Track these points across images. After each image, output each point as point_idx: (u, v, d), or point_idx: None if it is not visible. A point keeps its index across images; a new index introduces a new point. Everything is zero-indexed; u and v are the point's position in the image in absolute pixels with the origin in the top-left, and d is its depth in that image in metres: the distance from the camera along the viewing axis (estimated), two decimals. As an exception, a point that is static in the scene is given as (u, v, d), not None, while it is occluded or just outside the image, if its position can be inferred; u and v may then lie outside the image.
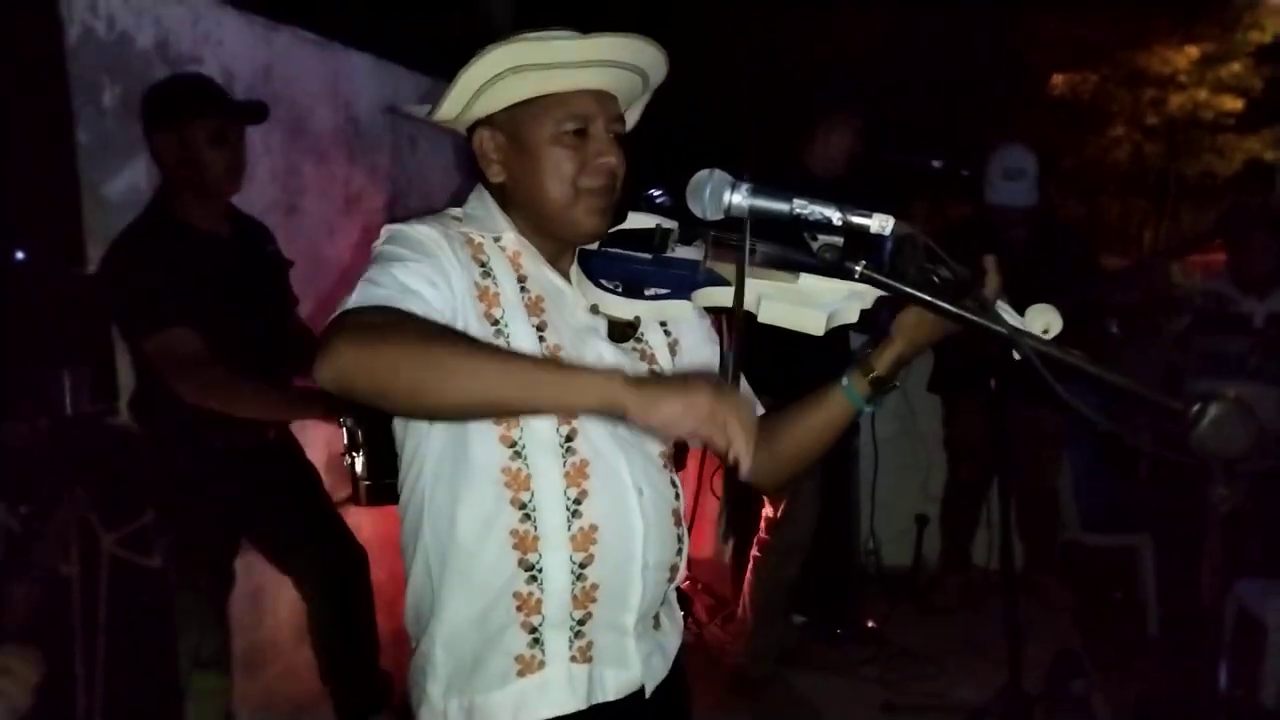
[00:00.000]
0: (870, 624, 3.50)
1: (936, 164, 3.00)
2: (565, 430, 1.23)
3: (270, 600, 2.87)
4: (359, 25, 3.49)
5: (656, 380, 1.08)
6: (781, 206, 1.12)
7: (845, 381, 1.33)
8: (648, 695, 1.31)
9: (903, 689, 3.14)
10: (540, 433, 1.22)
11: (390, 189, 3.53)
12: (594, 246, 1.32)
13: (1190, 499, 1.06)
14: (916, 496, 3.98)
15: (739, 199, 1.14)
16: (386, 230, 1.24)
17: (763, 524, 3.08)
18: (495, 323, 1.21)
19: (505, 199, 1.29)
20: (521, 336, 1.22)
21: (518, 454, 1.21)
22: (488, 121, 1.25)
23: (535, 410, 1.12)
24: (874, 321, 1.33)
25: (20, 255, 1.75)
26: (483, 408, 1.08)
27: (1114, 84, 11.78)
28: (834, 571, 3.47)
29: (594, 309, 1.29)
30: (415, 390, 1.02)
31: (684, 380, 1.04)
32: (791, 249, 1.22)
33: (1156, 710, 2.85)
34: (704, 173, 1.15)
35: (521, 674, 1.23)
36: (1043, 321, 1.16)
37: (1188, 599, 3.13)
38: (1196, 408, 1.01)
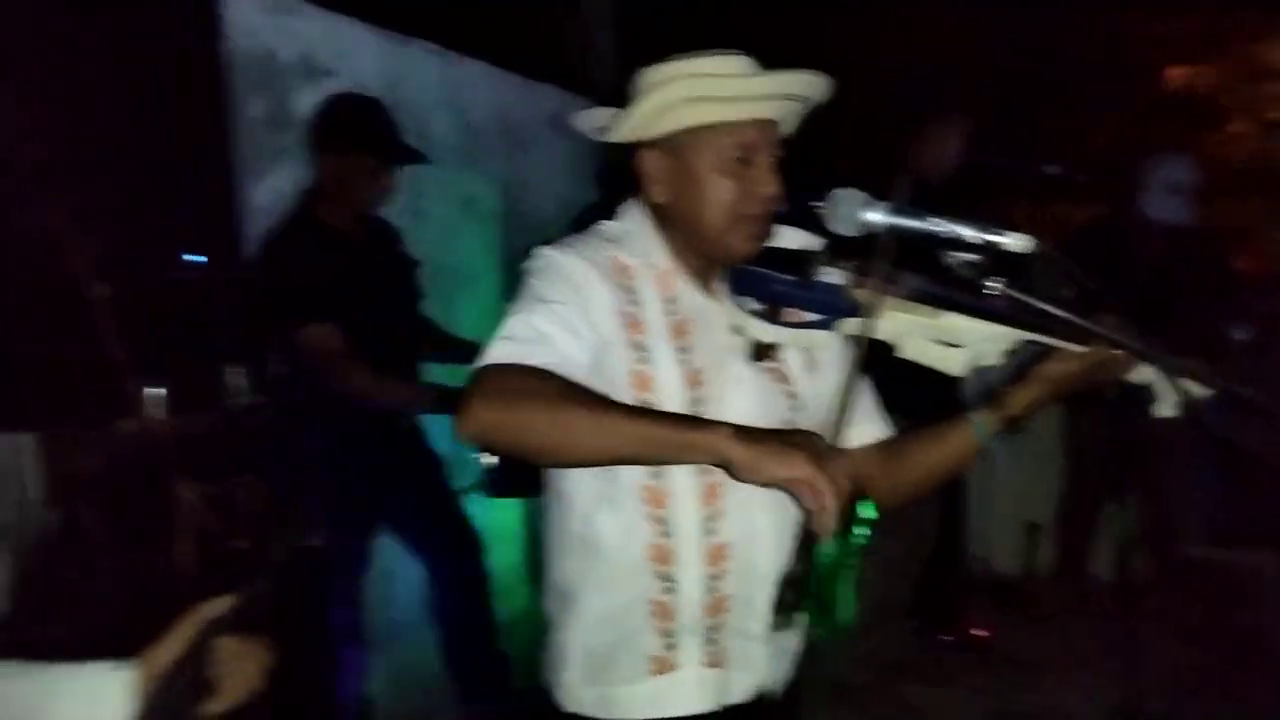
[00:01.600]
0: (978, 632, 3.48)
1: (1052, 170, 2.97)
2: None
3: (399, 582, 3.02)
4: (474, 35, 3.63)
5: (766, 436, 1.11)
6: (918, 225, 1.15)
7: (976, 418, 1.33)
8: (770, 696, 1.38)
9: (1010, 699, 3.10)
10: None
11: (505, 193, 3.67)
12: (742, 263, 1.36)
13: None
14: (1029, 503, 3.92)
15: (876, 217, 1.17)
16: (539, 256, 1.30)
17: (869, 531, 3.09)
18: (639, 349, 1.28)
19: (662, 217, 1.34)
20: (662, 361, 1.28)
21: (657, 474, 1.28)
22: (654, 144, 1.30)
23: (653, 463, 1.23)
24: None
25: (188, 258, 1.91)
26: (608, 461, 1.18)
27: (1234, 78, 11.28)
28: (942, 578, 3.47)
29: (736, 329, 1.34)
30: (546, 450, 1.15)
31: (791, 440, 1.09)
32: (938, 283, 1.25)
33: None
34: (842, 191, 1.20)
35: (656, 673, 1.31)
36: None
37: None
38: None
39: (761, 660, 1.35)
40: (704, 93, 1.26)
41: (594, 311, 1.25)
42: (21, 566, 1.65)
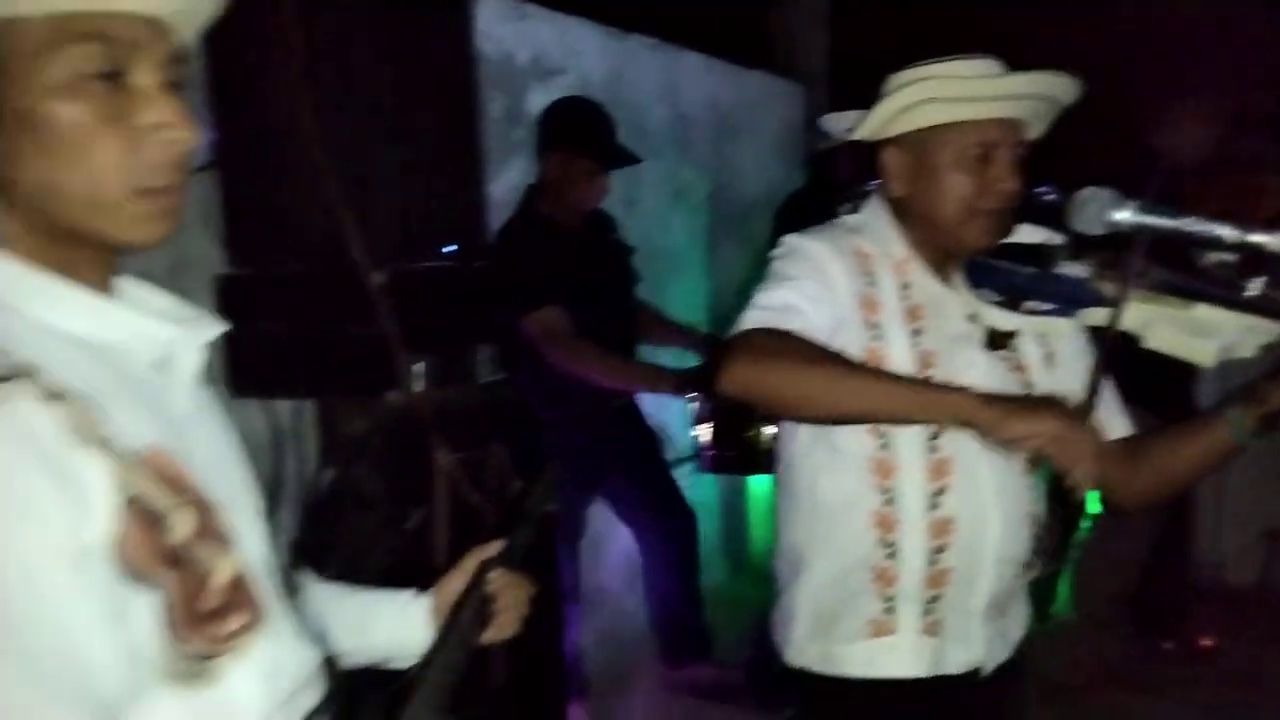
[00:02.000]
0: (1205, 643, 3.28)
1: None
2: (932, 429, 1.34)
3: (605, 548, 3.22)
4: (689, 26, 3.74)
5: (1010, 400, 1.18)
6: (1171, 224, 1.14)
7: (1232, 414, 1.27)
8: (985, 675, 1.42)
9: (1228, 716, 2.94)
10: (907, 429, 1.34)
11: (713, 181, 3.77)
12: (982, 256, 1.41)
13: None
14: (1267, 508, 3.64)
15: (1126, 216, 1.17)
16: (786, 243, 1.41)
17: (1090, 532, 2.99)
18: (874, 328, 1.36)
19: (900, 210, 1.41)
20: (896, 341, 1.36)
21: (884, 446, 1.36)
22: (896, 140, 1.37)
23: (898, 421, 1.30)
24: None
25: (446, 249, 2.13)
26: (856, 418, 1.30)
27: None
28: (1165, 582, 3.30)
29: (972, 317, 1.40)
30: (800, 404, 1.28)
31: (1036, 403, 1.15)
32: (1188, 276, 1.23)
33: None
34: (1089, 190, 1.20)
35: (874, 635, 1.39)
36: None
37: None
38: None
39: (979, 638, 1.41)
40: (947, 93, 1.31)
41: (835, 289, 1.34)
42: (302, 518, 1.92)
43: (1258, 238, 1.11)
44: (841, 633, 1.41)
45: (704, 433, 2.28)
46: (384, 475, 1.91)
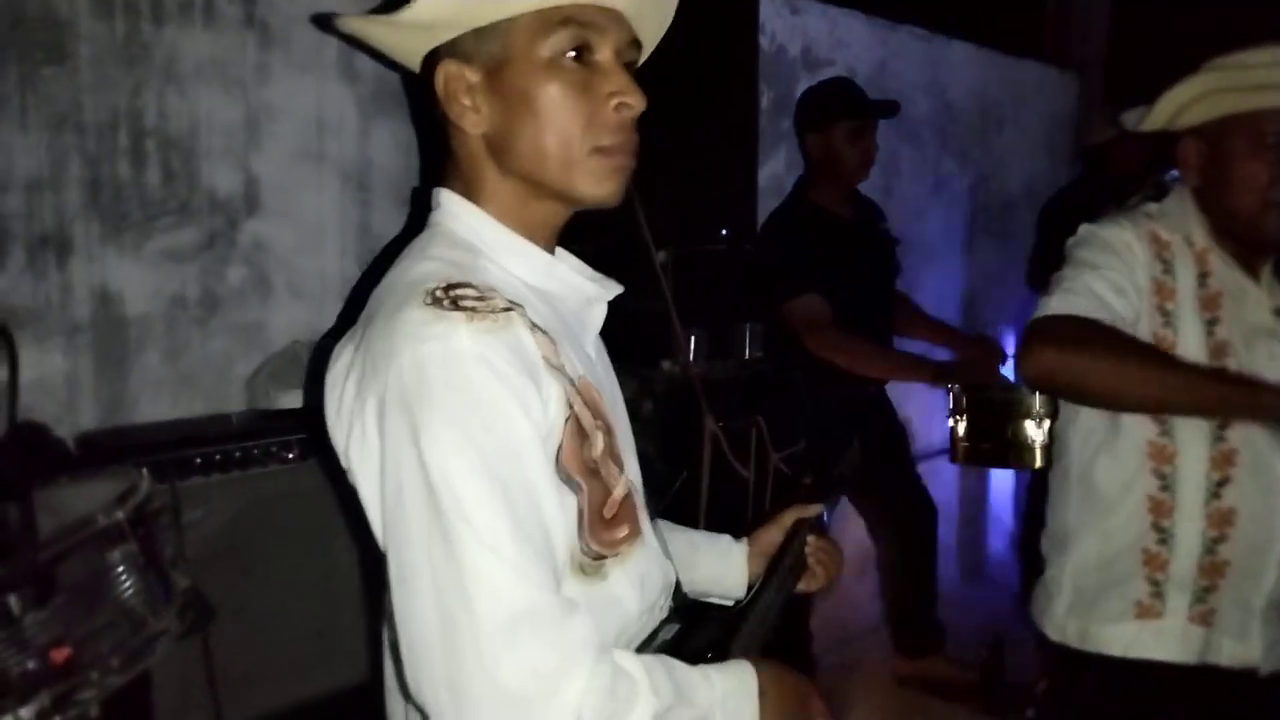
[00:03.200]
0: None
1: None
2: (1218, 419, 1.35)
3: (841, 535, 3.28)
4: (958, 15, 3.68)
5: None
6: None
7: None
8: (1261, 676, 1.39)
9: None
10: (1191, 418, 1.35)
11: (975, 173, 3.70)
12: None
13: None
14: None
15: None
16: (1083, 230, 1.45)
17: None
18: (1165, 314, 1.37)
19: (1201, 201, 1.42)
20: (1188, 329, 1.37)
21: (1165, 432, 1.37)
22: (1193, 131, 1.40)
23: (1198, 414, 1.33)
24: None
25: (724, 232, 2.27)
26: (1156, 409, 1.34)
27: None
28: None
29: (1278, 312, 1.39)
30: (1103, 394, 1.31)
31: None
32: None
33: None
34: None
35: (1138, 617, 1.40)
36: None
37: None
38: None
39: (1258, 637, 1.39)
40: (1241, 82, 1.33)
41: (1135, 276, 1.36)
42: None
43: None
44: (1104, 612, 1.43)
45: (959, 425, 2.28)
46: (655, 438, 2.08)
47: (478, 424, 0.76)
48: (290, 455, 1.58)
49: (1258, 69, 1.32)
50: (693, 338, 2.10)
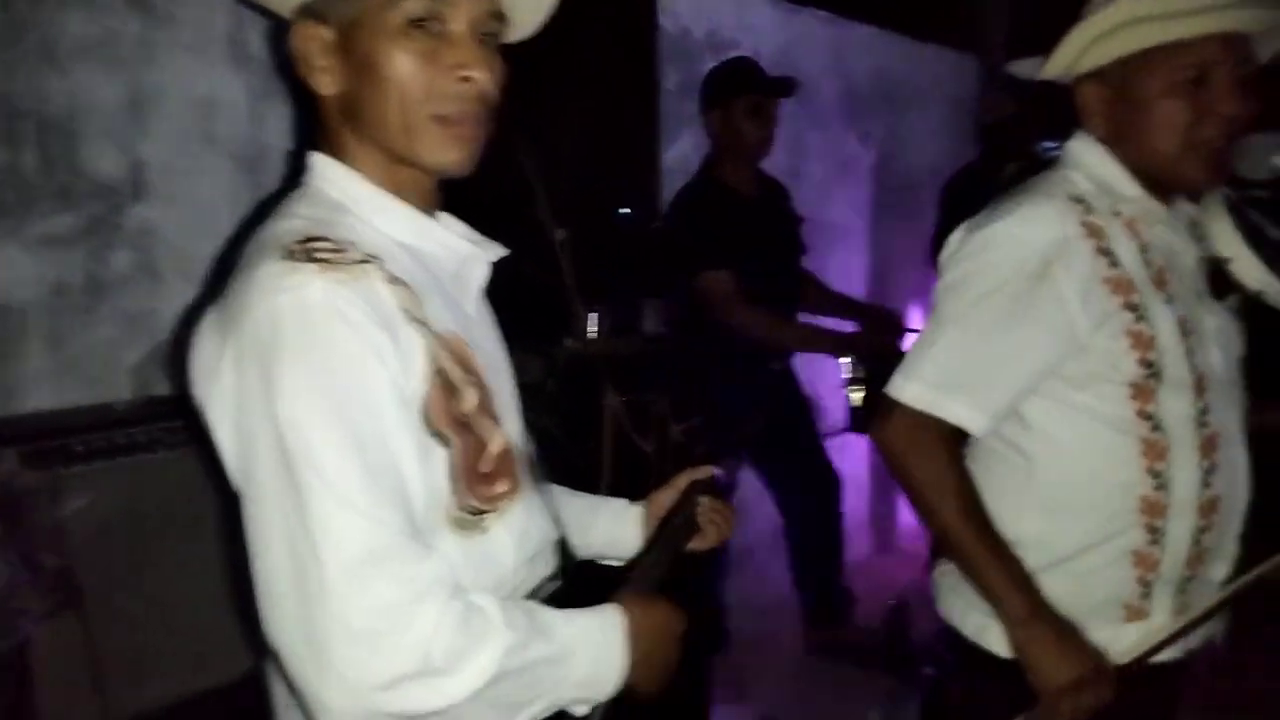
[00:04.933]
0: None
1: None
2: (1200, 405, 1.25)
3: (752, 510, 3.34)
4: (862, 0, 3.74)
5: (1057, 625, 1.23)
6: None
7: None
8: (1213, 646, 1.37)
9: None
10: (1176, 409, 1.24)
11: (879, 153, 3.79)
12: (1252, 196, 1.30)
13: None
14: None
15: None
16: (976, 245, 1.24)
17: None
18: (1133, 309, 1.22)
19: (1112, 151, 1.26)
20: (1159, 316, 1.23)
21: (1156, 427, 1.23)
22: (1094, 75, 1.24)
23: (979, 586, 1.27)
24: None
25: (623, 211, 2.30)
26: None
27: None
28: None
29: (1223, 261, 1.26)
30: (921, 516, 1.29)
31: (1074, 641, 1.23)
32: None
33: None
34: (1259, 137, 1.20)
35: (1128, 620, 1.29)
36: None
37: None
38: None
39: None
40: (1147, 10, 1.17)
41: (1065, 305, 1.20)
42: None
43: None
44: (1087, 618, 1.27)
45: (856, 395, 2.35)
46: (558, 413, 2.10)
47: (327, 373, 0.78)
48: (177, 441, 1.56)
49: None
50: (595, 315, 2.13)
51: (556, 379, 2.06)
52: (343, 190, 0.91)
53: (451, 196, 0.99)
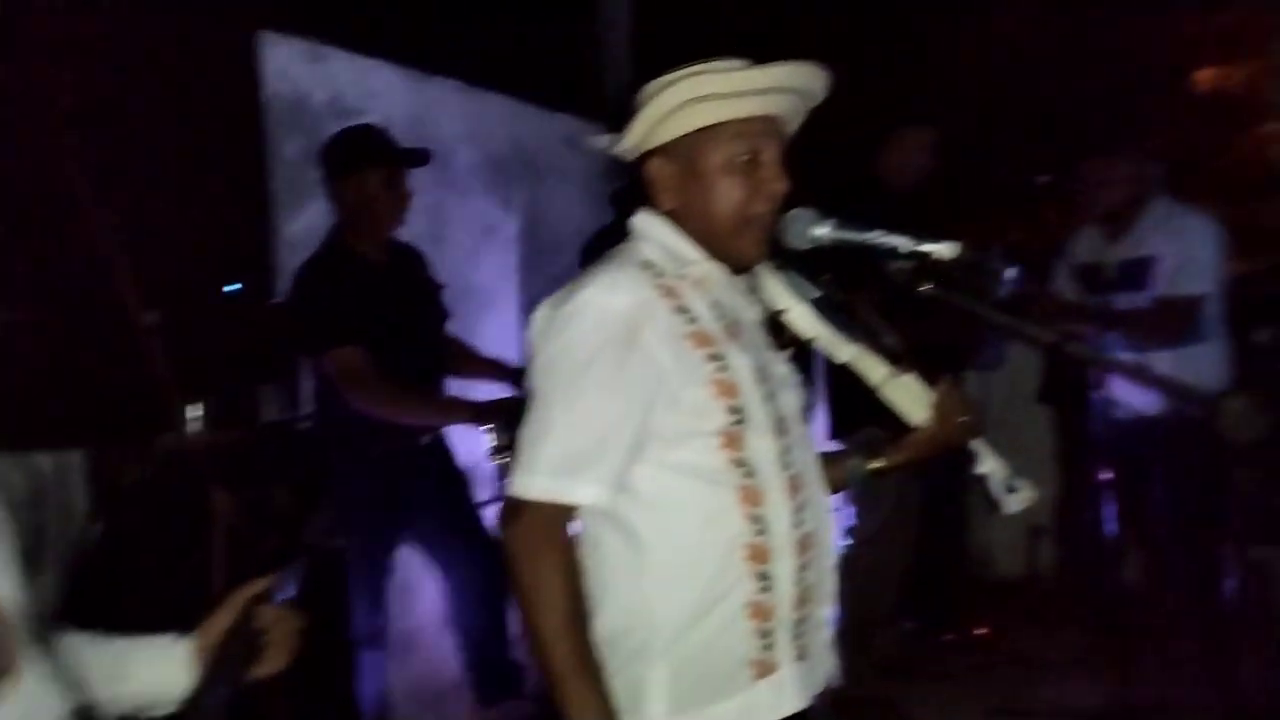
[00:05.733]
0: (980, 632, 3.56)
1: (1042, 180, 3.06)
2: (782, 445, 1.31)
3: (418, 591, 3.18)
4: (494, 69, 3.81)
5: None
6: (858, 237, 1.30)
7: (854, 462, 1.46)
8: (830, 687, 1.41)
9: (1010, 697, 3.17)
10: (765, 450, 1.29)
11: (522, 219, 3.85)
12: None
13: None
14: (1031, 506, 3.97)
15: (824, 232, 1.32)
16: (563, 319, 1.25)
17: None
18: (716, 359, 1.27)
19: (679, 223, 1.32)
20: (739, 364, 1.28)
21: (750, 472, 1.27)
22: (660, 150, 1.31)
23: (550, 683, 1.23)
24: None
25: (231, 288, 2.11)
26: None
27: (1265, 76, 11.19)
28: (944, 579, 3.55)
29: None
30: (524, 618, 1.24)
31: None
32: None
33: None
34: (798, 211, 1.33)
35: (759, 677, 1.28)
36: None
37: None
38: (1220, 397, 1.14)
39: (827, 647, 1.39)
40: (706, 91, 1.26)
41: (654, 360, 1.24)
42: (70, 574, 1.83)
43: (925, 247, 1.27)
44: (720, 689, 1.26)
45: (502, 462, 2.31)
46: (157, 522, 1.85)
47: None
48: None
49: (720, 75, 1.26)
50: (199, 406, 1.91)
51: (154, 483, 1.82)
52: None
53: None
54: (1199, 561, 3.12)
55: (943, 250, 1.26)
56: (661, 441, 1.27)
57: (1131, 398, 2.47)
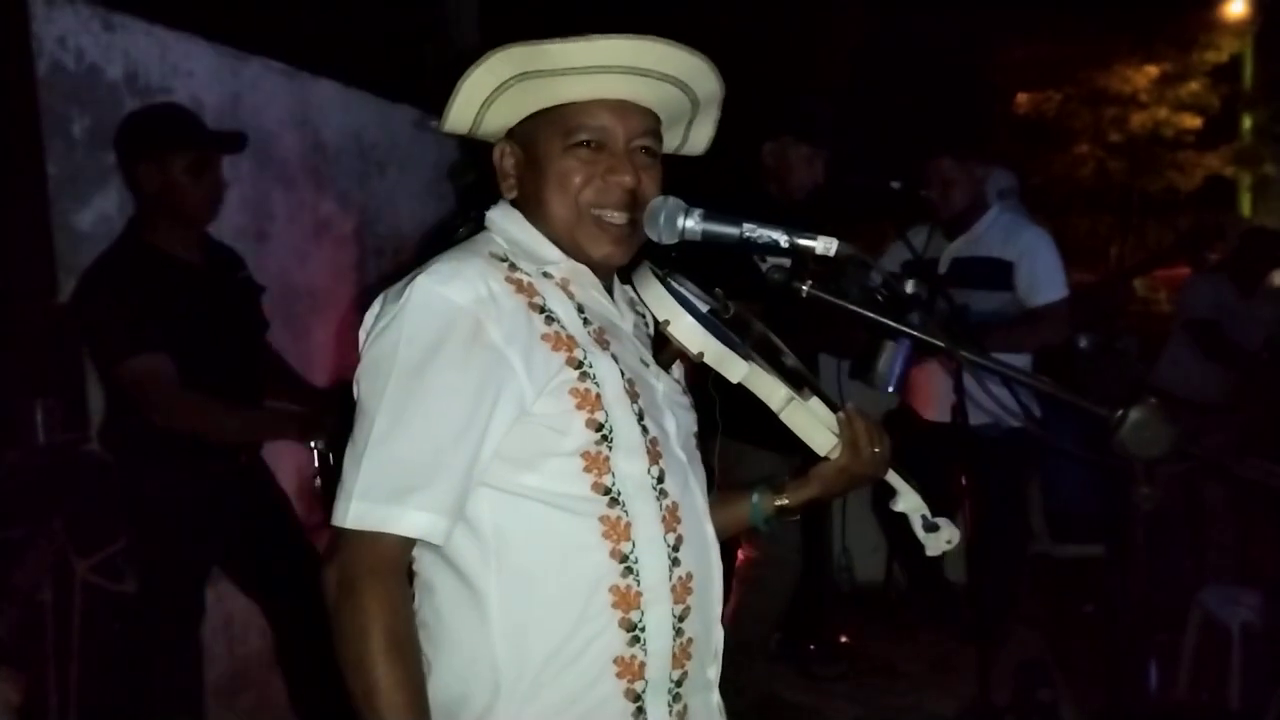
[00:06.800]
0: (843, 640, 3.54)
1: (895, 185, 3.06)
2: (656, 470, 1.14)
3: (241, 629, 2.87)
4: (326, 54, 3.53)
5: None
6: (731, 230, 1.16)
7: (755, 499, 1.33)
8: None
9: (874, 703, 3.18)
10: (634, 476, 1.12)
11: (359, 215, 3.57)
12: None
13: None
14: (888, 513, 4.01)
15: (691, 224, 1.16)
16: (393, 312, 1.07)
17: (743, 566, 2.92)
18: (576, 365, 1.11)
19: (527, 216, 1.19)
20: (605, 374, 1.12)
21: (615, 501, 1.10)
22: (509, 135, 1.19)
23: None
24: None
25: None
26: None
27: (1077, 102, 12.06)
28: (806, 588, 3.50)
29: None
30: (346, 671, 1.05)
31: None
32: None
33: (1123, 716, 2.91)
34: (659, 199, 1.17)
35: None
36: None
37: (1161, 605, 3.20)
38: (1120, 412, 1.07)
39: (716, 712, 1.22)
40: (528, 66, 1.10)
41: (502, 361, 1.07)
42: None
43: (804, 241, 1.14)
44: None
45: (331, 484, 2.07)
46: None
47: None
48: None
49: (546, 47, 1.09)
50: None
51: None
52: None
53: None
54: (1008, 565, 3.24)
55: (823, 246, 1.13)
56: (511, 464, 1.09)
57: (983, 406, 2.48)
